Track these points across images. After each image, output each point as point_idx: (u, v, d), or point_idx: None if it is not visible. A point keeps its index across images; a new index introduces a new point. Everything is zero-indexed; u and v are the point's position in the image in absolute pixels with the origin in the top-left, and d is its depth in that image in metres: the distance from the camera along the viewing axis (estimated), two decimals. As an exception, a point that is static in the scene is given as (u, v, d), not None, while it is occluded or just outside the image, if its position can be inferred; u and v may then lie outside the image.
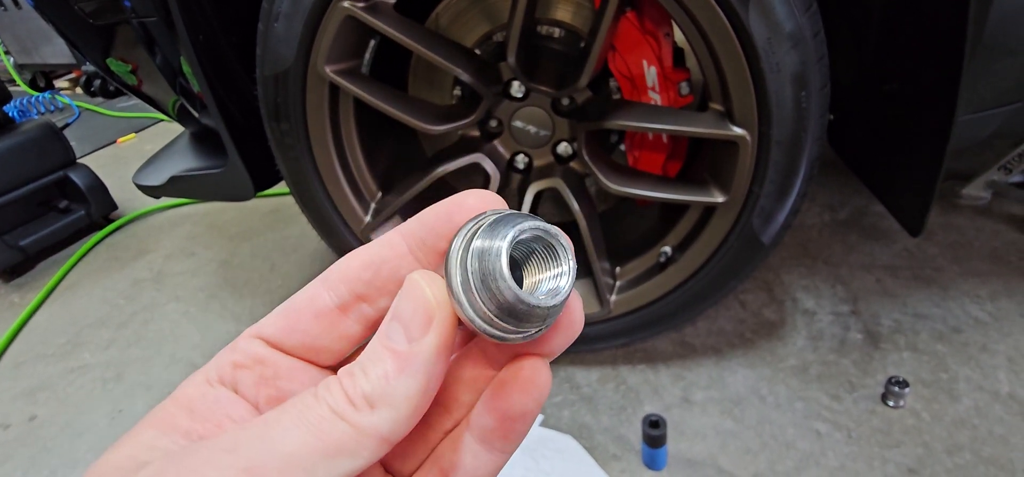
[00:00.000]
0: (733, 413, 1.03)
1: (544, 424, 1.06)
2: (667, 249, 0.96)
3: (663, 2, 0.72)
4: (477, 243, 0.21)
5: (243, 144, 0.97)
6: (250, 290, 1.55)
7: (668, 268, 0.96)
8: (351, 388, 0.21)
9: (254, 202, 1.94)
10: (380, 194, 1.01)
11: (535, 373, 0.24)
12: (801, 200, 0.84)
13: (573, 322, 0.24)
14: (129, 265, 1.73)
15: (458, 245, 0.22)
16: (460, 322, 0.22)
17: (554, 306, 0.21)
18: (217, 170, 0.98)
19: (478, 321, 0.21)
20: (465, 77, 0.84)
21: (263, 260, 1.66)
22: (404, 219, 1.04)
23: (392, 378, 0.21)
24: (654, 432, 0.90)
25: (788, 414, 1.02)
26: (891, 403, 1.00)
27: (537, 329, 0.22)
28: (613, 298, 1.02)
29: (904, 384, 0.99)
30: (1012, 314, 1.13)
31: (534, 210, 1.00)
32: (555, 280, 0.22)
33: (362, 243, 1.04)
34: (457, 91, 1.03)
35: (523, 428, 0.24)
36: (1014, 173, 1.32)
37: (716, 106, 0.80)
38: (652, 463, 0.95)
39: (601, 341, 1.08)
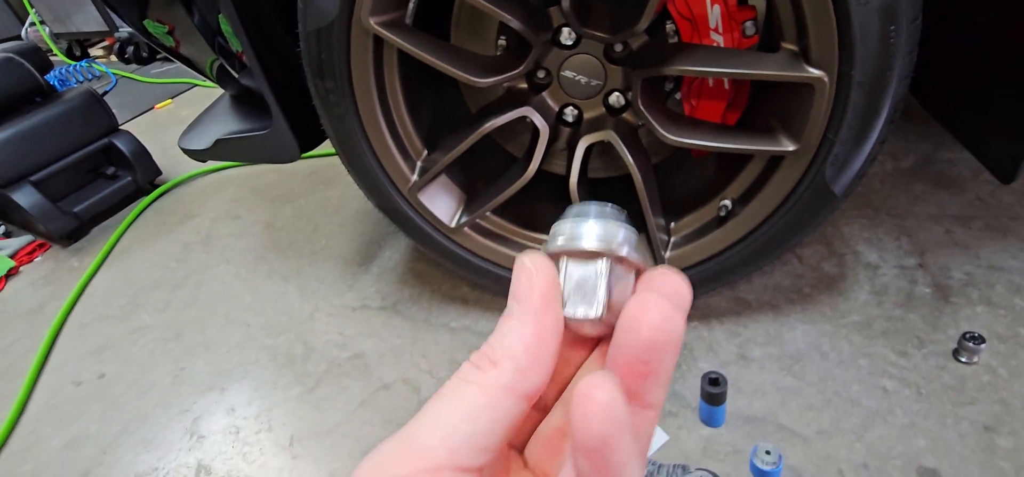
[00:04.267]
0: (793, 370, 1.00)
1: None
2: (727, 202, 0.92)
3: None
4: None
5: (286, 104, 0.96)
6: (295, 251, 1.57)
7: (727, 223, 0.91)
8: (476, 355, 0.26)
9: (293, 165, 1.95)
10: (425, 152, 0.99)
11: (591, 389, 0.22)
12: (880, 147, 0.78)
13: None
14: (177, 229, 1.77)
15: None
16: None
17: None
18: (262, 132, 0.97)
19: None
20: (514, 23, 0.80)
21: (306, 221, 1.67)
22: (451, 179, 1.02)
23: (506, 334, 0.24)
24: (714, 390, 0.88)
25: (852, 371, 0.98)
26: (963, 359, 0.95)
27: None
28: (668, 254, 0.98)
29: (979, 339, 0.93)
30: (1099, 265, 1.06)
31: (585, 164, 0.96)
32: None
33: (410, 203, 1.03)
34: (501, 41, 0.98)
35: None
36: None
37: (789, 46, 0.74)
38: (710, 420, 0.93)
39: (654, 298, 1.06)
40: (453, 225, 1.02)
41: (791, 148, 0.79)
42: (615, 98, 0.94)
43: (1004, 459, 0.82)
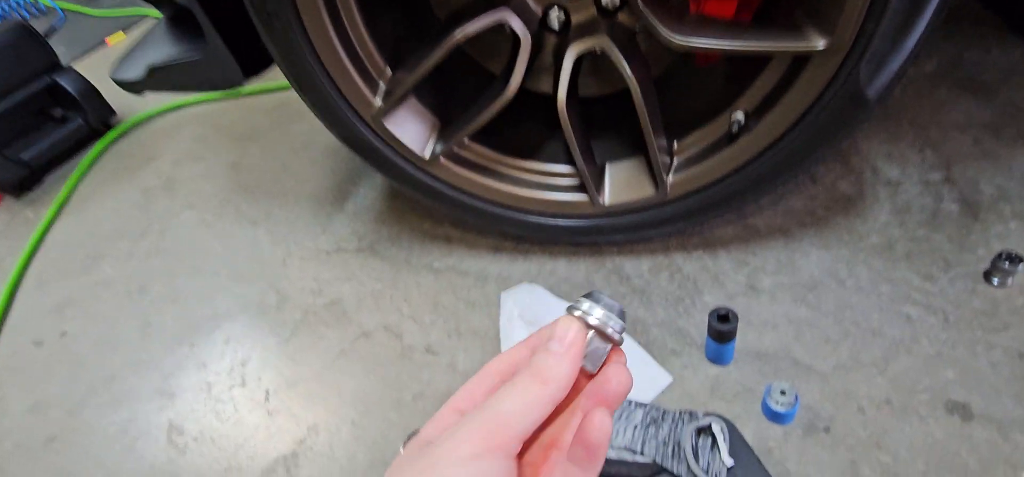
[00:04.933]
0: (807, 300, 0.92)
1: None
2: (739, 116, 0.80)
3: None
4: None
5: (222, 22, 0.81)
6: (264, 192, 1.45)
7: (740, 139, 0.80)
8: (531, 371, 0.35)
9: (258, 100, 1.80)
10: (390, 72, 0.85)
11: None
12: (925, 40, 0.65)
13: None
14: (137, 173, 1.64)
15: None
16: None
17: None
18: (198, 56, 0.83)
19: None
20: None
21: (274, 159, 1.54)
22: (422, 103, 0.89)
23: (553, 365, 0.35)
24: (723, 327, 0.80)
25: (872, 298, 0.90)
26: (996, 281, 0.87)
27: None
28: (670, 179, 0.88)
29: (1016, 259, 0.84)
30: None
31: (574, 78, 0.83)
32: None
33: (374, 131, 0.90)
34: None
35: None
36: None
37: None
38: (718, 358, 0.85)
39: (653, 228, 0.96)
40: (426, 156, 0.90)
41: (820, 45, 0.66)
42: (609, -3, 0.80)
43: (1042, 389, 0.75)
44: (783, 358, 0.85)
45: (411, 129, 0.90)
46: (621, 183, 0.92)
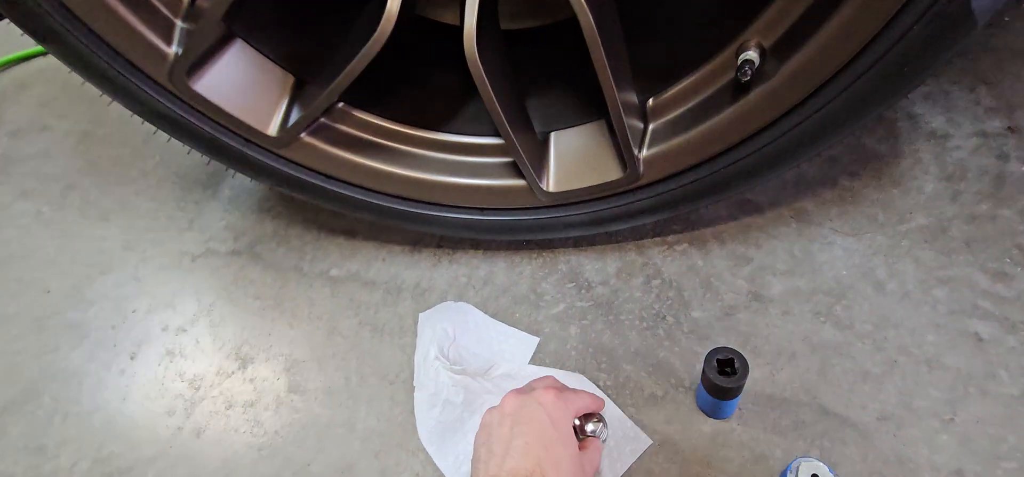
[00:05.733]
0: (834, 313, 0.66)
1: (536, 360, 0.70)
2: (751, 53, 0.49)
3: None
4: None
5: None
6: (118, 174, 1.11)
7: (753, 91, 0.50)
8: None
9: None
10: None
11: None
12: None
13: None
14: (-40, 151, 1.26)
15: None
16: None
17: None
18: None
19: None
20: None
21: (134, 129, 1.18)
22: (256, 41, 0.50)
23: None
24: (727, 382, 0.53)
25: (924, 309, 0.64)
26: (1097, 280, 0.62)
27: None
28: (643, 154, 0.59)
29: None
30: None
31: (489, 13, 0.52)
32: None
33: (181, 100, 0.57)
34: None
35: None
36: None
37: None
38: (715, 412, 0.60)
39: (622, 221, 0.67)
40: (274, 132, 0.58)
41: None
42: None
43: None
44: (806, 406, 0.60)
45: (243, 91, 0.57)
46: (573, 161, 0.62)
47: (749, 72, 0.48)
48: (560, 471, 0.46)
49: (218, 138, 0.60)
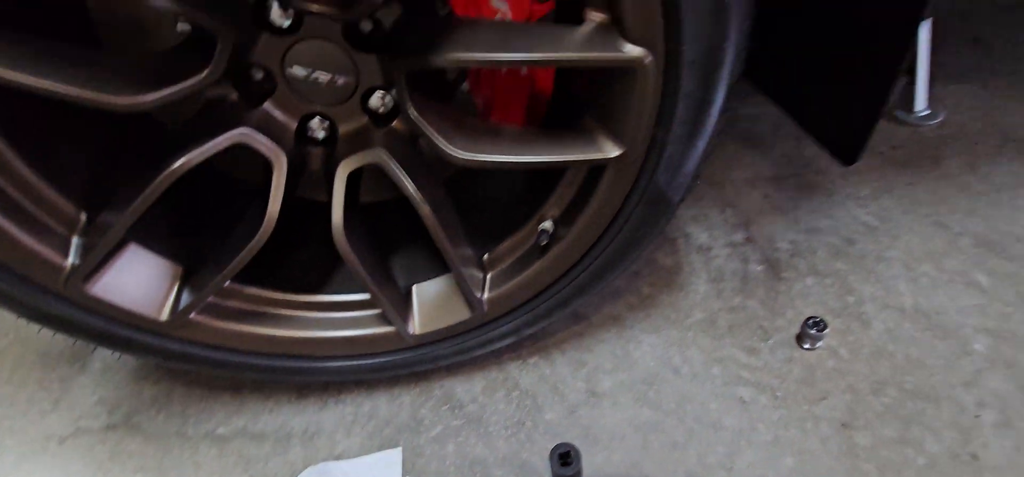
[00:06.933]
0: (648, 398, 0.85)
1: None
2: (547, 225, 0.70)
3: None
4: None
5: None
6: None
7: (551, 250, 0.71)
8: None
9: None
10: (86, 217, 0.61)
11: None
12: (717, 139, 0.62)
13: None
14: None
15: None
16: None
17: None
18: None
19: None
20: (164, 2, 0.47)
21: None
22: (149, 246, 0.63)
23: None
24: (566, 472, 0.68)
25: (707, 384, 0.86)
26: (807, 345, 0.89)
27: None
28: (486, 296, 0.75)
29: (822, 324, 0.87)
30: (895, 213, 1.08)
31: (354, 191, 0.67)
32: None
33: (76, 304, 0.64)
34: (183, 26, 0.62)
35: None
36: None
37: (598, 15, 0.53)
38: (567, 498, 0.74)
39: (482, 348, 0.83)
40: (165, 317, 0.67)
41: (614, 154, 0.59)
42: (378, 100, 0.66)
43: (866, 459, 0.76)
44: (634, 477, 0.77)
45: (136, 287, 0.66)
46: (432, 307, 0.78)
47: (545, 237, 0.68)
48: None
49: (108, 330, 0.66)
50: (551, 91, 0.70)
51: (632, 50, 0.52)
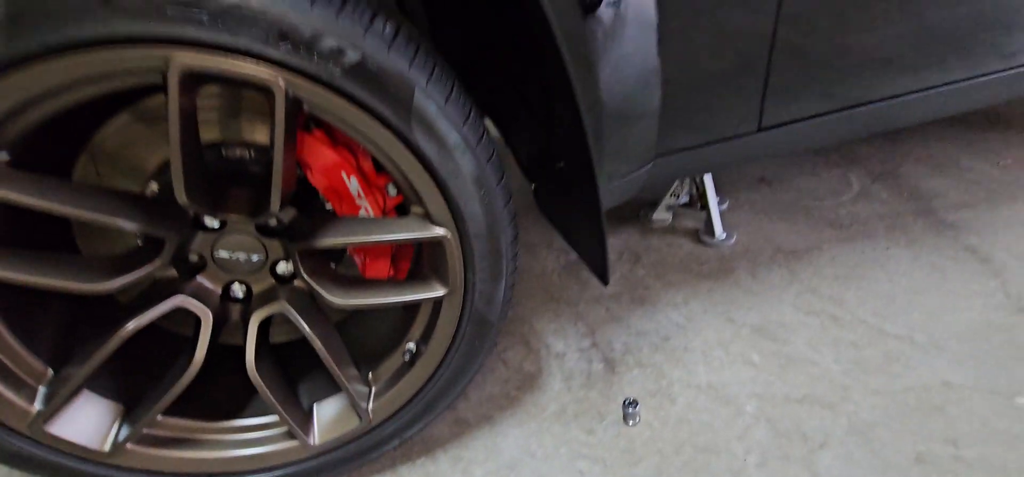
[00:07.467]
0: (509, 479, 1.07)
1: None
2: (411, 345, 0.96)
3: (335, 123, 0.73)
4: None
5: None
6: None
7: (416, 364, 0.96)
8: None
9: None
10: (52, 372, 0.81)
11: None
12: (513, 276, 0.92)
13: None
14: None
15: None
16: None
17: None
18: None
19: None
20: (130, 226, 0.73)
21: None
22: (97, 391, 0.85)
23: None
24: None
25: (556, 463, 1.10)
26: (630, 422, 1.15)
27: None
28: (371, 406, 0.98)
29: (634, 403, 1.15)
30: (698, 313, 1.42)
31: (265, 334, 0.91)
32: None
33: (36, 441, 0.82)
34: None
35: None
36: (681, 196, 1.67)
37: (417, 208, 0.83)
38: (438, 566, 0.93)
39: (372, 452, 1.03)
40: (107, 448, 0.85)
41: (442, 292, 0.87)
42: (284, 267, 0.92)
43: (666, 504, 1.00)
44: (494, 543, 0.97)
45: (86, 424, 0.84)
46: (329, 420, 0.99)
47: (409, 356, 0.94)
48: None
49: (60, 462, 0.83)
50: (408, 254, 1.00)
51: (438, 230, 0.83)
